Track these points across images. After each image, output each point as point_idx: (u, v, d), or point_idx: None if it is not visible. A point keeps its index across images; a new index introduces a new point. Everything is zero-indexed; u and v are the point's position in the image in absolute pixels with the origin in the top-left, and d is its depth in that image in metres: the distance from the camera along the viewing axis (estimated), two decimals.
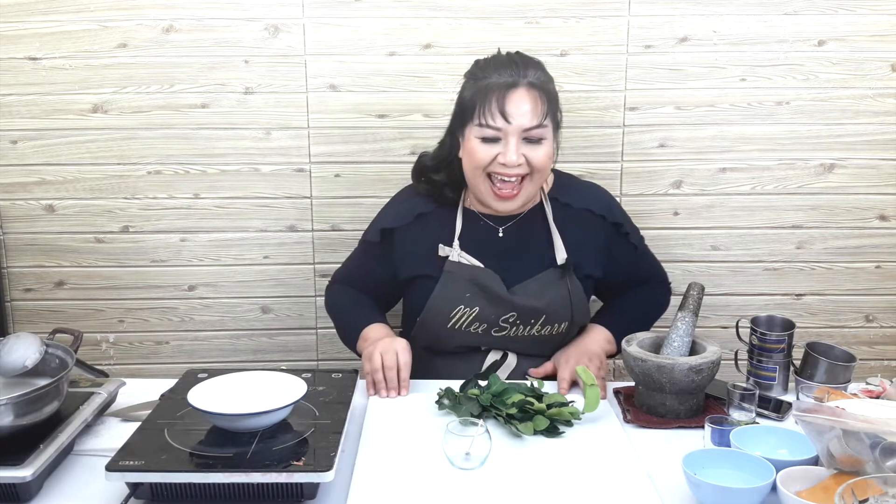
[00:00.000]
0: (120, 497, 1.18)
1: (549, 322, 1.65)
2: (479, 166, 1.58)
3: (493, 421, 1.43)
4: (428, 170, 1.72)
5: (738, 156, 2.16)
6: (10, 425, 1.20)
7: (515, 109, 1.54)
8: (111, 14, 2.06)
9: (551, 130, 1.59)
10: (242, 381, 1.37)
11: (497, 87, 1.54)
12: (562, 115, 1.66)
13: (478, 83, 1.58)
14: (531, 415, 1.41)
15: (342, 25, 2.08)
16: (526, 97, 1.54)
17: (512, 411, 1.42)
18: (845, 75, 2.11)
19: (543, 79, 1.59)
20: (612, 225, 1.72)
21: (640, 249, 1.81)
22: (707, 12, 2.08)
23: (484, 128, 1.56)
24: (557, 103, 1.63)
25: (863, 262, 2.23)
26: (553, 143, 1.61)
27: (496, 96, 1.54)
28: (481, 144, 1.57)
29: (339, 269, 1.92)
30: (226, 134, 2.14)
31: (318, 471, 1.15)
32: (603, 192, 1.78)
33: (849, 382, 1.51)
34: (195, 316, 2.26)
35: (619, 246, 1.75)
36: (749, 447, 1.25)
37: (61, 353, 1.39)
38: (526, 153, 1.56)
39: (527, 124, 1.54)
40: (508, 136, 1.55)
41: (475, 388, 1.50)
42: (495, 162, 1.57)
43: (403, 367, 1.56)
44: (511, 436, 1.39)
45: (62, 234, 2.20)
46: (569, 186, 1.74)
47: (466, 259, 1.66)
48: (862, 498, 1.03)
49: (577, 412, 1.44)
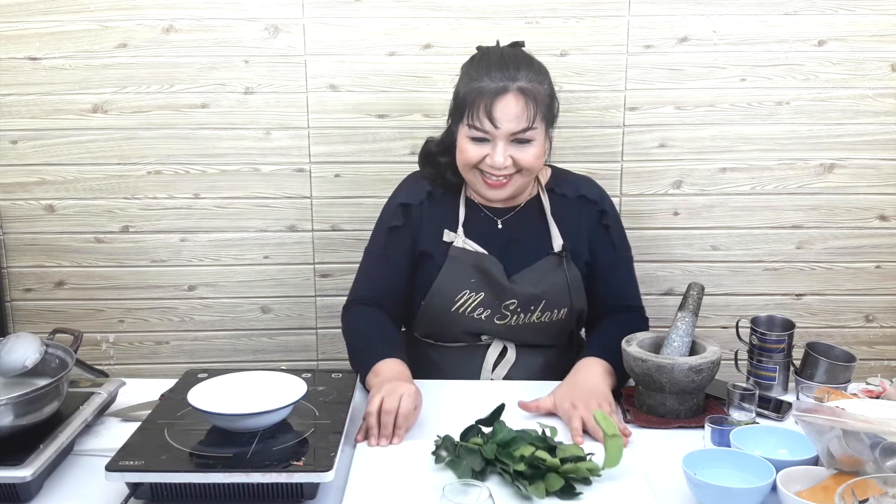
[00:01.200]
0: (120, 497, 1.18)
1: (548, 308, 1.68)
2: (468, 164, 1.63)
3: (497, 478, 1.24)
4: (433, 153, 1.76)
5: (738, 156, 2.16)
6: (10, 425, 1.20)
7: (503, 115, 1.57)
8: (111, 14, 2.06)
9: (542, 131, 1.61)
10: (242, 381, 1.36)
11: (487, 92, 1.57)
12: (559, 107, 1.67)
13: (471, 83, 1.60)
14: (542, 472, 1.21)
15: (342, 25, 2.08)
16: (513, 103, 1.57)
17: (520, 468, 1.21)
18: (845, 75, 2.11)
19: (535, 80, 1.60)
20: (599, 212, 1.74)
21: (619, 253, 1.76)
22: (707, 12, 2.08)
23: (472, 129, 1.59)
24: (551, 101, 1.64)
25: (863, 262, 2.23)
26: (544, 141, 1.63)
27: (485, 102, 1.57)
28: (470, 144, 1.61)
29: (354, 287, 1.77)
30: (226, 134, 2.14)
31: (318, 471, 1.15)
32: (598, 185, 1.80)
33: (849, 382, 1.51)
34: (195, 316, 2.26)
35: (600, 237, 1.74)
36: (749, 447, 1.25)
37: (61, 353, 1.39)
38: (514, 154, 1.60)
39: (514, 129, 1.57)
40: (496, 140, 1.58)
41: (478, 437, 1.30)
42: (483, 162, 1.61)
43: (401, 416, 1.38)
44: (519, 497, 1.20)
45: (62, 234, 2.20)
46: (565, 178, 1.78)
47: (471, 245, 1.69)
48: (862, 498, 1.03)
49: (596, 468, 1.23)
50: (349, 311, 1.74)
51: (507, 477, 1.22)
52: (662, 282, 2.24)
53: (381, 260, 1.74)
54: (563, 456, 1.23)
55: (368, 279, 1.75)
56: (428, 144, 1.78)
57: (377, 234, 1.76)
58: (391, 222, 1.73)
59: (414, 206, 1.73)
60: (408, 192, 1.75)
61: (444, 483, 1.07)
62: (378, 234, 1.76)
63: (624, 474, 1.25)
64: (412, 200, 1.73)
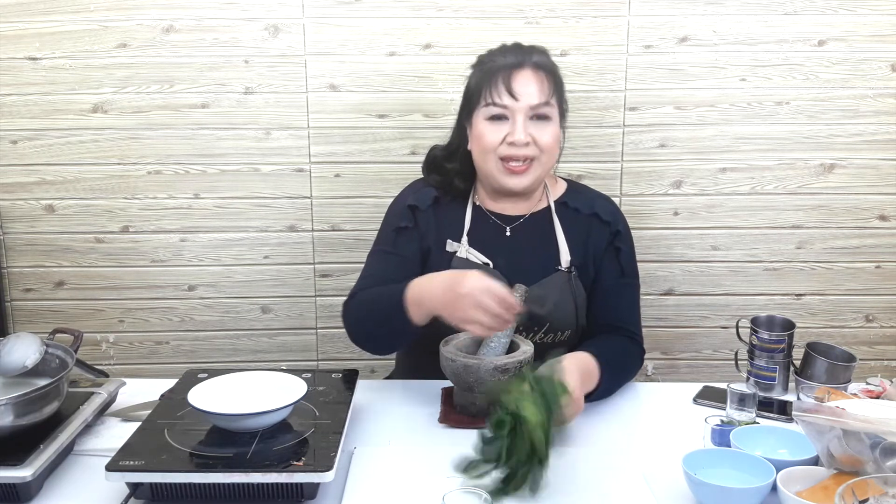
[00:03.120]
0: (120, 497, 1.18)
1: (552, 330, 1.61)
2: (488, 149, 1.58)
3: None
4: (439, 159, 1.72)
5: (738, 156, 2.16)
6: (10, 425, 1.20)
7: (523, 88, 1.56)
8: (111, 14, 2.06)
9: (557, 112, 1.60)
10: (242, 381, 1.36)
11: (503, 67, 1.57)
12: (567, 106, 1.66)
13: (484, 67, 1.60)
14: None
15: (342, 25, 2.08)
16: (532, 76, 1.57)
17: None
18: (845, 75, 2.11)
19: (549, 62, 1.61)
20: (612, 233, 1.69)
21: (626, 280, 1.68)
22: (707, 12, 2.08)
23: (491, 106, 1.57)
24: (563, 89, 1.64)
25: (863, 262, 2.23)
26: (560, 126, 1.62)
27: (503, 76, 1.56)
28: (490, 126, 1.58)
29: (358, 283, 1.64)
30: (226, 134, 2.14)
31: (318, 471, 1.15)
32: (615, 205, 1.74)
33: (849, 382, 1.51)
34: (195, 316, 2.26)
35: (609, 257, 1.67)
36: (749, 447, 1.25)
37: (61, 353, 1.39)
38: (533, 133, 1.57)
39: (534, 101, 1.56)
40: (516, 115, 1.56)
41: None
42: (504, 143, 1.57)
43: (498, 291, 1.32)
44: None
45: (62, 234, 2.20)
46: (580, 193, 1.73)
47: (475, 256, 1.64)
48: (862, 498, 1.03)
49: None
50: (351, 300, 1.61)
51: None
52: (662, 282, 2.24)
53: (389, 258, 1.64)
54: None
55: (374, 277, 1.62)
56: (433, 151, 1.74)
57: (384, 235, 1.68)
58: (400, 223, 1.65)
59: (421, 210, 1.67)
60: (416, 196, 1.69)
61: (444, 482, 1.07)
62: (385, 234, 1.68)
63: (624, 474, 1.25)
64: (420, 204, 1.67)
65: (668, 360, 2.30)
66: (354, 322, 1.59)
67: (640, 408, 1.55)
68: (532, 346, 1.47)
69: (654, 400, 1.60)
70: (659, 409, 1.55)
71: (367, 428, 1.43)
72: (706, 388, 1.59)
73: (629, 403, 1.56)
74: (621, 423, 1.46)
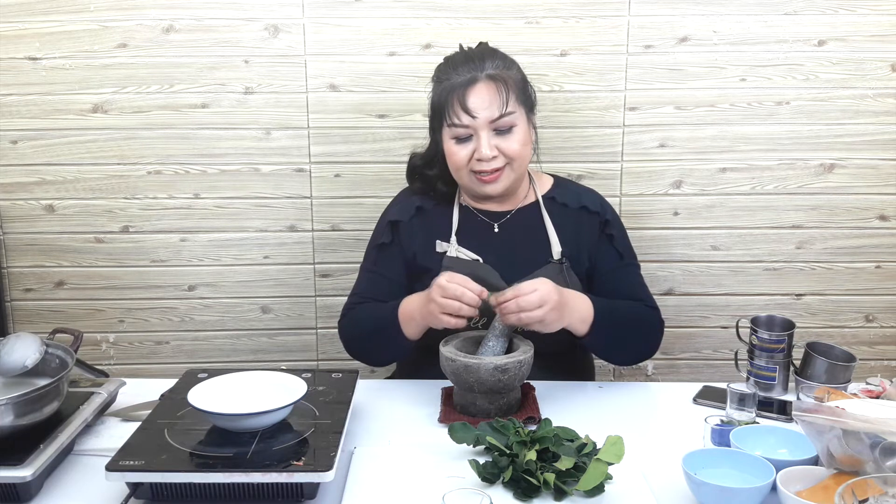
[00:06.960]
0: (120, 497, 1.18)
1: None
2: (459, 167, 1.63)
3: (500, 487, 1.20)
4: (419, 167, 1.75)
5: (738, 156, 2.16)
6: (10, 425, 1.20)
7: (478, 104, 1.57)
8: (111, 14, 2.07)
9: (522, 115, 1.61)
10: (242, 381, 1.36)
11: (457, 86, 1.58)
12: (535, 94, 1.67)
13: (441, 85, 1.62)
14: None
15: (342, 25, 2.08)
16: (486, 90, 1.57)
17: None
18: (845, 75, 2.11)
19: (503, 66, 1.61)
20: (601, 222, 1.71)
21: (626, 262, 1.72)
22: (707, 12, 2.08)
23: (453, 128, 1.60)
24: (524, 84, 1.64)
25: (863, 262, 2.23)
26: (527, 128, 1.63)
27: (458, 95, 1.57)
28: (456, 145, 1.61)
29: (349, 299, 1.73)
30: (226, 134, 2.14)
31: (319, 471, 1.15)
32: (601, 197, 1.77)
33: (849, 382, 1.51)
34: (195, 316, 2.26)
35: (604, 246, 1.70)
36: (749, 447, 1.25)
37: (61, 353, 1.39)
38: (499, 144, 1.59)
39: (494, 115, 1.57)
40: (479, 131, 1.58)
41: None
42: (473, 160, 1.60)
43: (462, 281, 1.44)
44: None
45: (62, 234, 2.20)
46: (566, 188, 1.76)
47: (464, 254, 1.66)
48: (862, 498, 1.03)
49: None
50: (346, 315, 1.71)
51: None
52: (662, 282, 2.24)
53: (373, 276, 1.73)
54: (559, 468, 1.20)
55: (360, 296, 1.72)
56: (413, 159, 1.77)
57: (369, 251, 1.77)
58: (380, 239, 1.73)
59: (403, 224, 1.71)
60: (397, 209, 1.74)
61: (444, 482, 1.07)
62: (370, 250, 1.76)
63: (624, 474, 1.25)
64: (401, 217, 1.72)
65: (668, 360, 2.30)
66: (350, 339, 1.70)
67: (640, 408, 1.56)
68: (532, 346, 1.48)
69: (654, 400, 1.60)
70: (659, 409, 1.56)
71: (367, 428, 1.43)
72: (706, 387, 1.59)
73: (629, 403, 1.56)
74: (621, 423, 1.46)
